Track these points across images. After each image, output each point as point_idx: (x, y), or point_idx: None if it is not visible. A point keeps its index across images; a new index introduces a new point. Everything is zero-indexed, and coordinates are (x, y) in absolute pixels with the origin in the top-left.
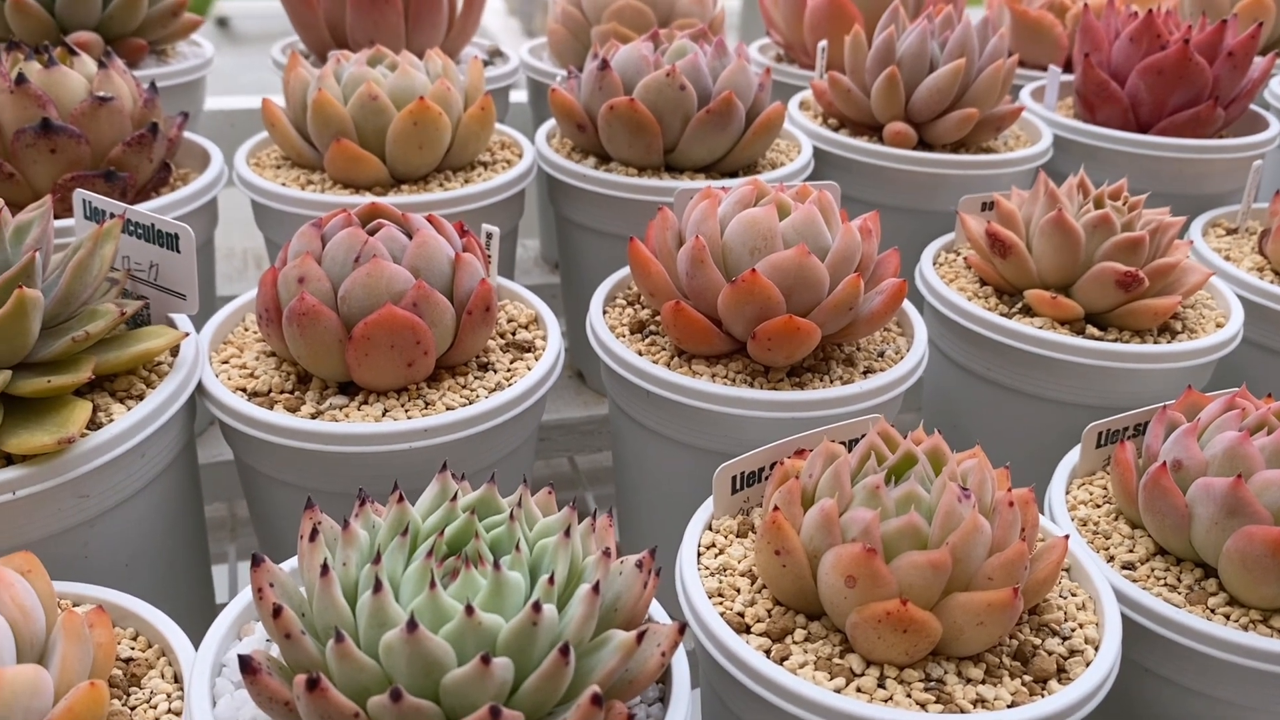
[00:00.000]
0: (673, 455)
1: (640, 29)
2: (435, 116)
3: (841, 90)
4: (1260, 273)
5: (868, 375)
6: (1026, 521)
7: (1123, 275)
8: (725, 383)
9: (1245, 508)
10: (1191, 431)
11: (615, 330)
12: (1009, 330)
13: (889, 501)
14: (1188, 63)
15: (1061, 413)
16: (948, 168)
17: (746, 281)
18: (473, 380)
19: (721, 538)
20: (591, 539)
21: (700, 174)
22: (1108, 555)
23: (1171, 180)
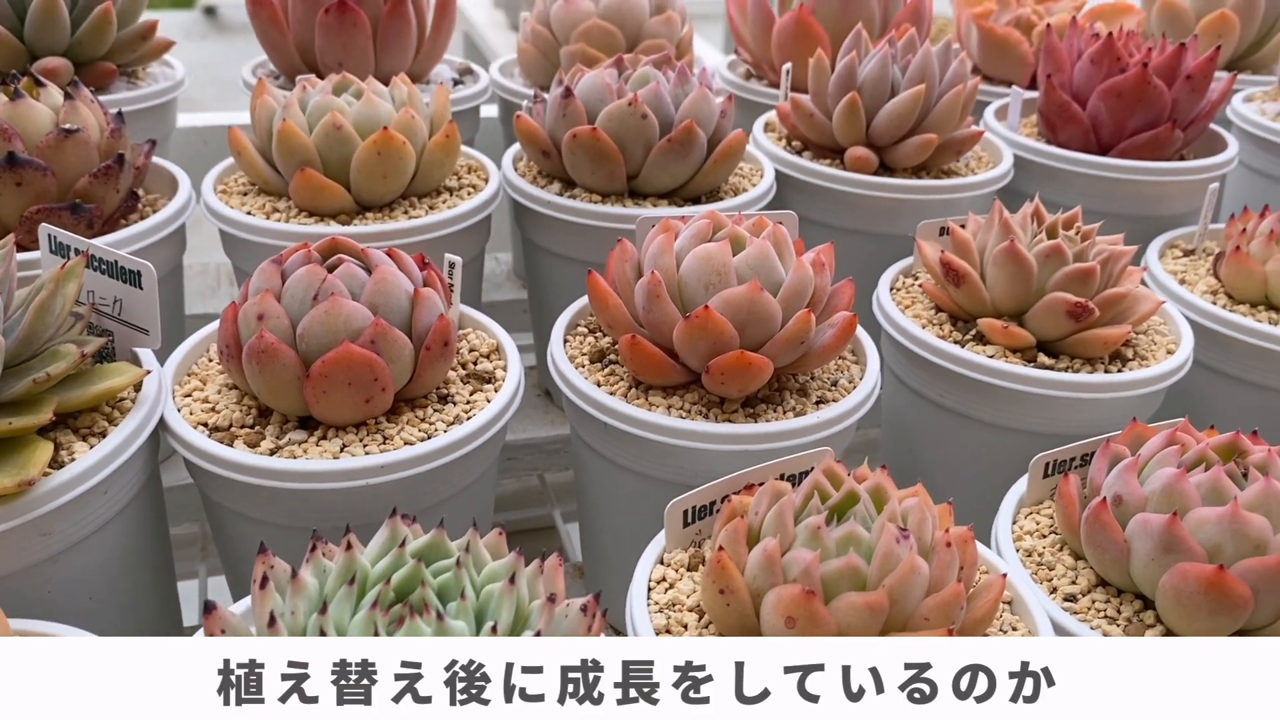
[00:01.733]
0: (631, 484)
1: (608, 49)
2: (399, 146)
3: (804, 114)
4: (1214, 296)
5: (820, 406)
6: (965, 560)
7: (1073, 306)
8: (681, 414)
9: (1179, 545)
10: (1132, 467)
11: (575, 360)
12: (959, 359)
13: (830, 542)
14: (1146, 85)
15: (1014, 440)
16: (907, 193)
17: (700, 318)
18: (432, 413)
19: (673, 571)
20: (540, 582)
21: (663, 200)
22: (1051, 587)
23: (1131, 201)
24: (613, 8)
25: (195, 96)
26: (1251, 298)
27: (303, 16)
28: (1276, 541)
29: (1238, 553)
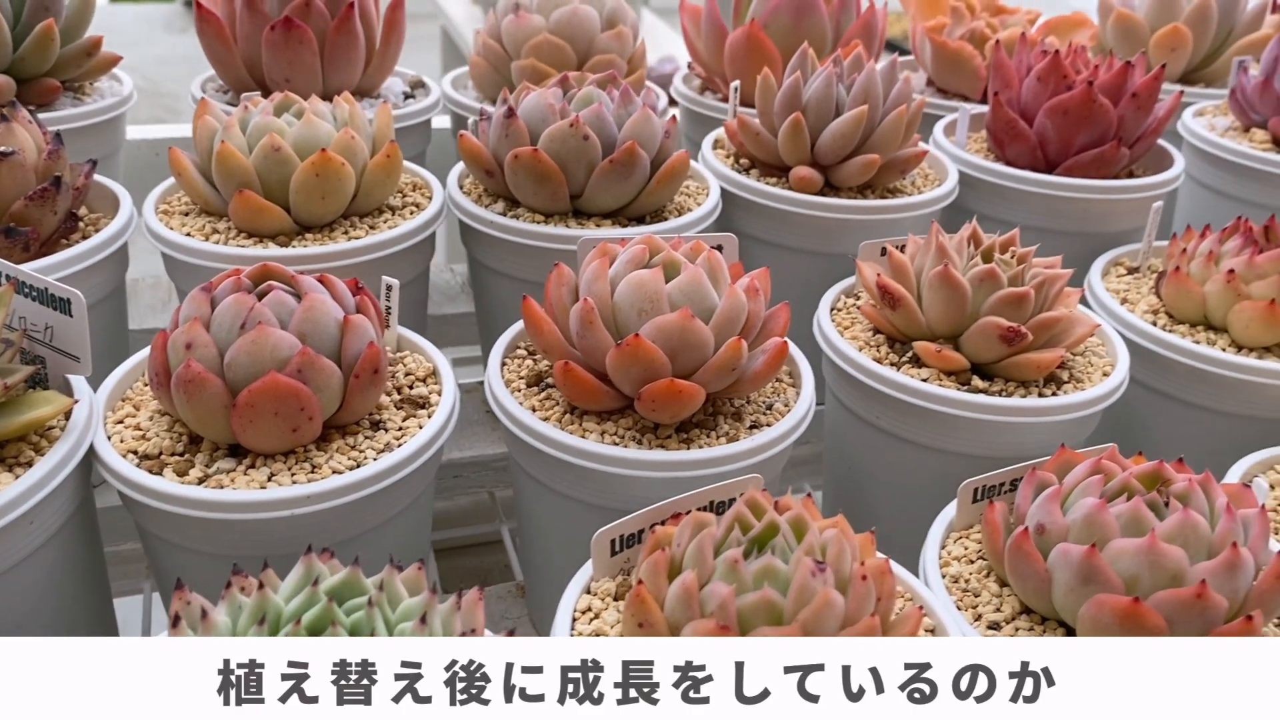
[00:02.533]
0: (566, 508)
1: (559, 64)
2: (337, 167)
3: (750, 133)
4: (1155, 315)
5: (754, 430)
6: (882, 592)
7: (1005, 330)
8: (615, 439)
9: (1098, 575)
10: (1055, 496)
11: (512, 384)
12: (892, 381)
13: (747, 575)
14: (1092, 103)
15: (949, 462)
16: (850, 212)
17: (631, 345)
18: (363, 440)
19: (599, 601)
20: (456, 618)
21: (607, 219)
22: (975, 614)
23: (1077, 219)
24: (563, 23)
25: (177, 91)
26: (1191, 318)
27: (250, 33)
28: (1194, 572)
29: (1155, 584)
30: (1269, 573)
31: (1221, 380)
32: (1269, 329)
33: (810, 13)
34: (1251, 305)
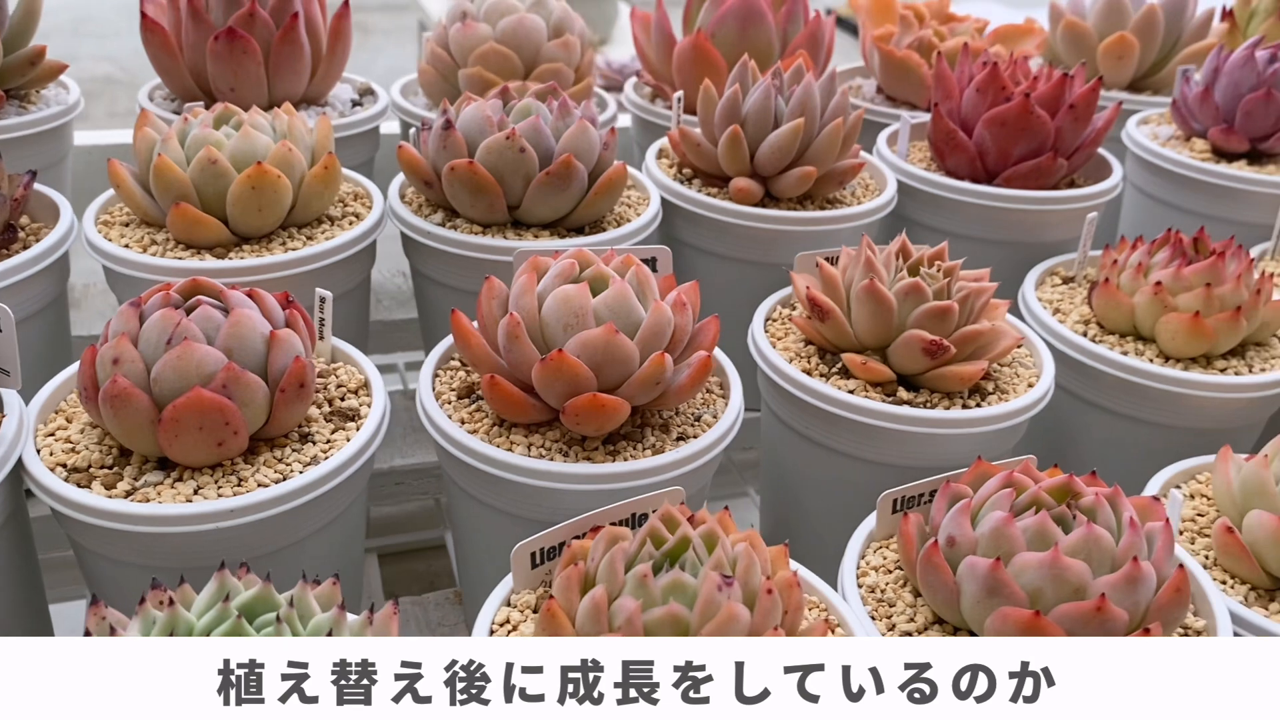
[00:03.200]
0: (495, 520)
1: (505, 73)
2: (274, 180)
3: (691, 144)
4: (1086, 325)
5: (680, 442)
6: (789, 605)
7: (928, 344)
8: (541, 451)
9: (1003, 589)
10: (965, 509)
11: (443, 395)
12: (819, 393)
13: (655, 590)
14: (1029, 115)
15: (876, 472)
16: (788, 224)
17: (554, 360)
18: (290, 453)
19: (517, 613)
20: (367, 634)
21: (545, 230)
22: (889, 624)
23: (1014, 228)
24: (510, 32)
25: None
26: (1121, 328)
27: (195, 42)
28: (1096, 585)
29: (1058, 596)
30: (1169, 586)
31: (1146, 391)
32: (1194, 341)
33: (757, 22)
34: (1177, 317)
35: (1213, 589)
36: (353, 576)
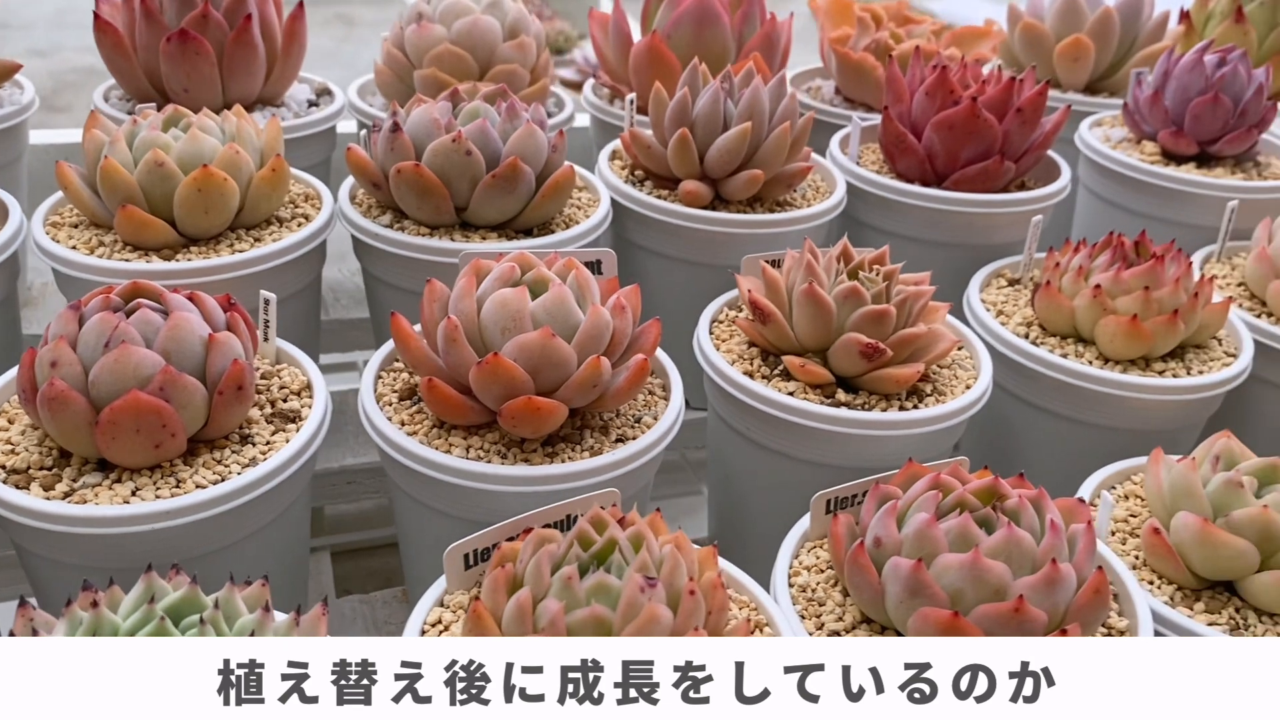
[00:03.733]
0: (435, 521)
1: (460, 74)
2: (220, 182)
3: (642, 146)
4: (1029, 327)
5: (619, 444)
6: (713, 606)
7: (865, 347)
8: (480, 453)
9: (924, 589)
10: (892, 511)
11: (384, 397)
12: (758, 395)
13: (580, 592)
14: (976, 119)
15: (817, 473)
16: (736, 226)
17: (490, 364)
18: (229, 455)
19: (449, 614)
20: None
21: (493, 232)
22: (819, 623)
23: (962, 231)
24: (464, 33)
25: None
26: (1062, 330)
27: (148, 43)
28: (1016, 586)
29: (978, 597)
30: (1088, 587)
31: (1084, 393)
32: (1132, 343)
33: (712, 24)
34: (1116, 320)
35: (1136, 589)
36: (297, 575)
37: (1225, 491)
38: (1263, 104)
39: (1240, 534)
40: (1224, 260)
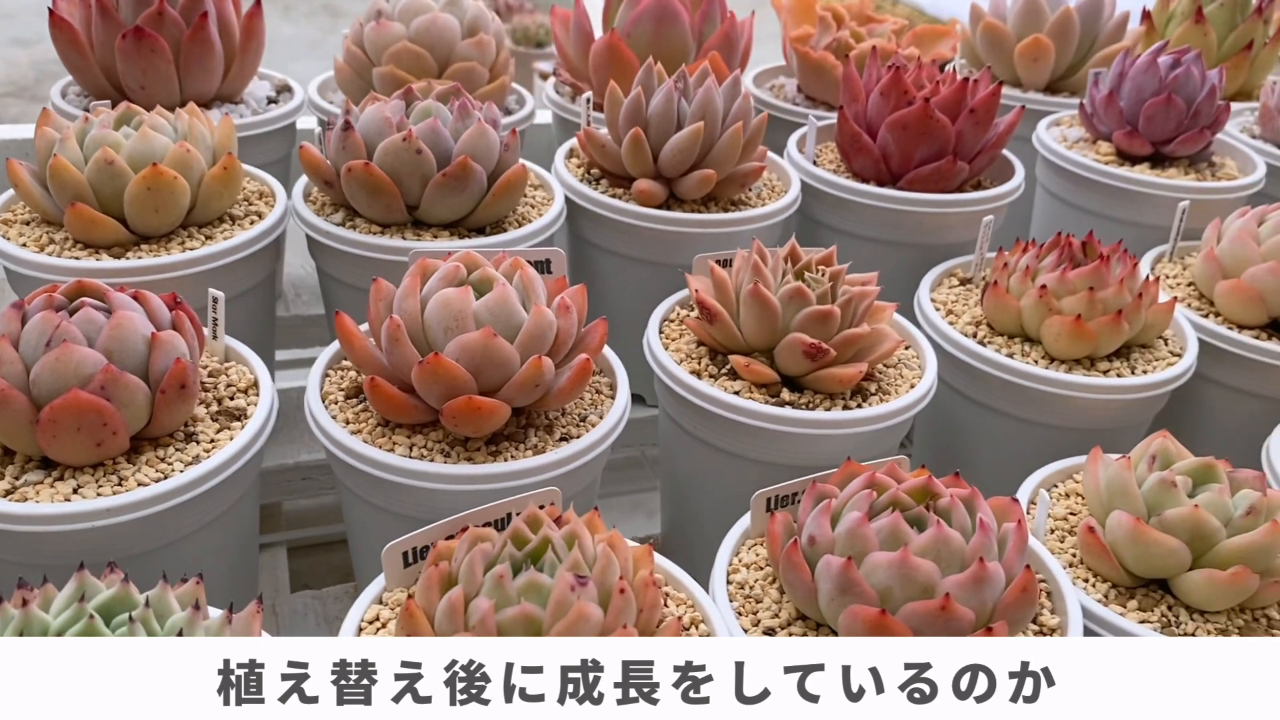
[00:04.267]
0: (380, 518)
1: (418, 71)
2: (169, 181)
3: (597, 145)
4: (977, 326)
5: (563, 442)
6: (644, 604)
7: (808, 347)
8: (423, 452)
9: (854, 587)
10: (826, 510)
11: (331, 395)
12: (703, 394)
13: (511, 590)
14: (929, 120)
15: (763, 471)
16: (689, 225)
17: (430, 363)
18: (173, 453)
19: (388, 611)
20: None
21: (445, 230)
22: (755, 619)
23: (914, 230)
24: (423, 31)
25: None
26: (1009, 330)
27: (105, 40)
28: (944, 585)
29: (906, 595)
30: (1015, 586)
31: (1029, 392)
32: (1076, 343)
33: (672, 23)
34: (1060, 320)
35: (1068, 587)
36: (245, 571)
37: (1159, 491)
38: (1215, 105)
39: (1172, 533)
40: (1176, 260)
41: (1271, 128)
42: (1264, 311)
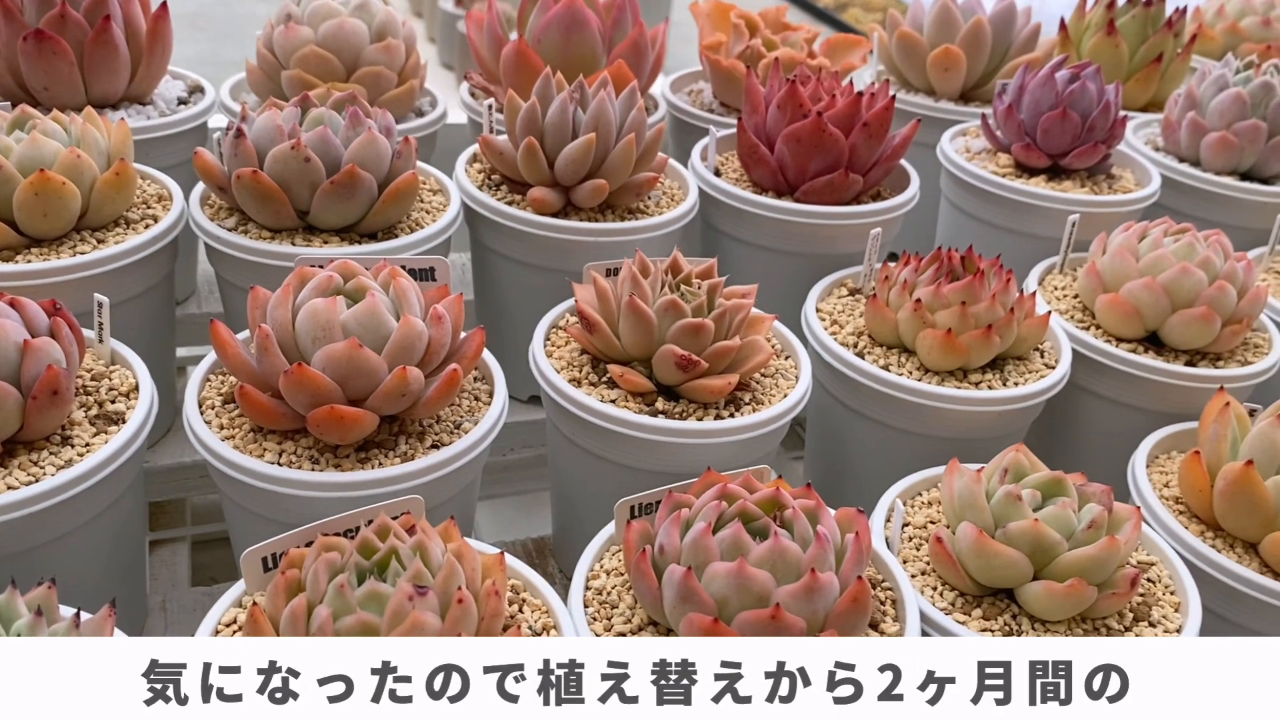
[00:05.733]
0: (255, 524)
1: (326, 75)
2: (57, 186)
3: (495, 152)
4: (859, 337)
5: (433, 450)
6: (487, 612)
7: (680, 359)
8: (293, 459)
9: (693, 595)
10: (676, 520)
11: (208, 401)
12: (579, 402)
13: (353, 599)
14: (822, 133)
15: (638, 478)
16: (582, 234)
17: (295, 373)
18: (47, 456)
19: (244, 614)
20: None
21: (336, 236)
22: (608, 625)
23: (808, 241)
24: (330, 35)
25: None
26: (888, 341)
27: (8, 41)
28: (779, 594)
29: (742, 604)
30: (847, 596)
31: (901, 403)
32: (948, 356)
33: (580, 30)
34: (933, 333)
35: (910, 596)
36: (131, 568)
37: (1005, 504)
38: (1110, 120)
39: (1015, 545)
40: (1066, 272)
41: (1173, 140)
42: (1141, 325)
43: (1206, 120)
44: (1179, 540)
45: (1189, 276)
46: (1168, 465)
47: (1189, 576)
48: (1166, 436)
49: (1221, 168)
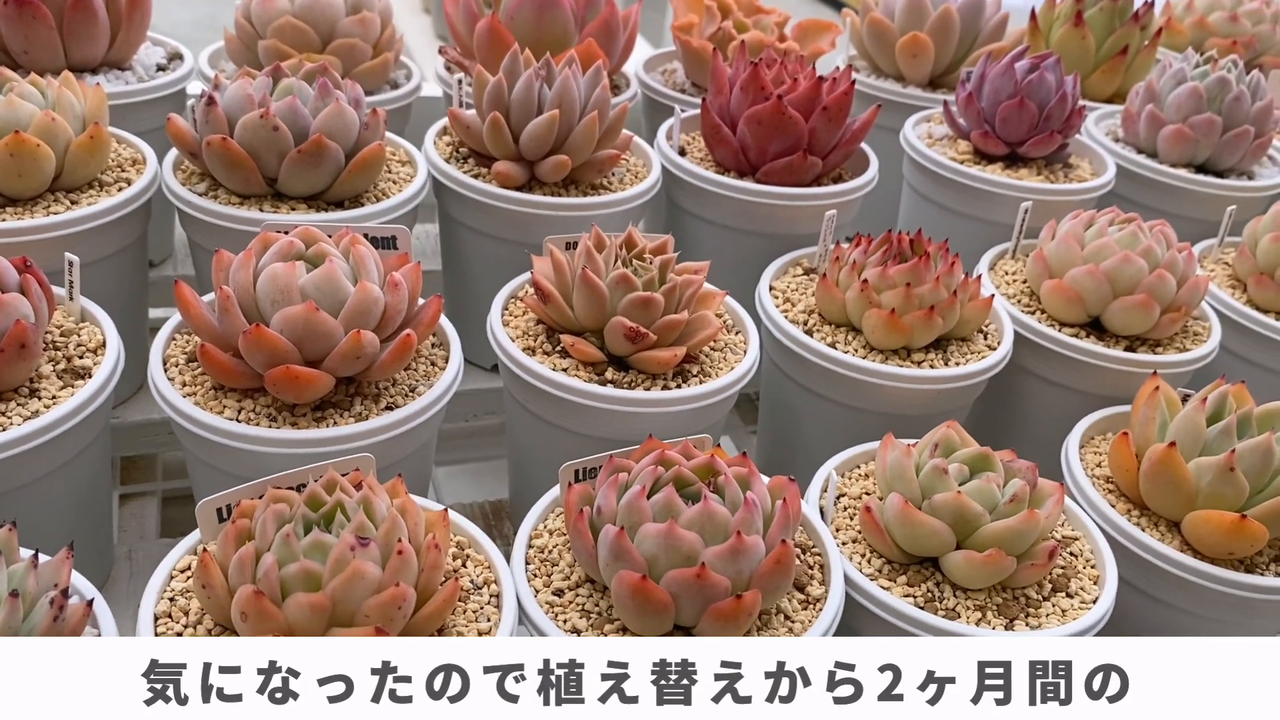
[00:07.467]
0: (216, 478)
1: (301, 46)
2: (32, 148)
3: (461, 125)
4: (809, 315)
5: (387, 411)
6: (427, 565)
7: (628, 330)
8: (251, 416)
9: (625, 554)
10: (614, 484)
11: (173, 359)
12: (531, 370)
13: (298, 548)
14: (782, 116)
15: (588, 445)
16: (545, 208)
17: (254, 333)
18: (14, 408)
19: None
20: (31, 577)
21: (304, 203)
22: (547, 581)
23: (767, 221)
24: (306, 6)
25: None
26: (837, 320)
27: None
28: (706, 554)
29: (671, 563)
30: (770, 558)
31: (845, 380)
32: (892, 335)
33: (552, 8)
34: (878, 313)
35: (836, 561)
36: (96, 518)
37: (933, 477)
38: (1068, 110)
39: (938, 516)
40: (1018, 258)
41: (1133, 132)
42: (1083, 311)
43: (1164, 113)
44: (1104, 518)
45: (1130, 264)
46: (1102, 446)
47: (1109, 552)
48: (1102, 418)
49: (1177, 160)
